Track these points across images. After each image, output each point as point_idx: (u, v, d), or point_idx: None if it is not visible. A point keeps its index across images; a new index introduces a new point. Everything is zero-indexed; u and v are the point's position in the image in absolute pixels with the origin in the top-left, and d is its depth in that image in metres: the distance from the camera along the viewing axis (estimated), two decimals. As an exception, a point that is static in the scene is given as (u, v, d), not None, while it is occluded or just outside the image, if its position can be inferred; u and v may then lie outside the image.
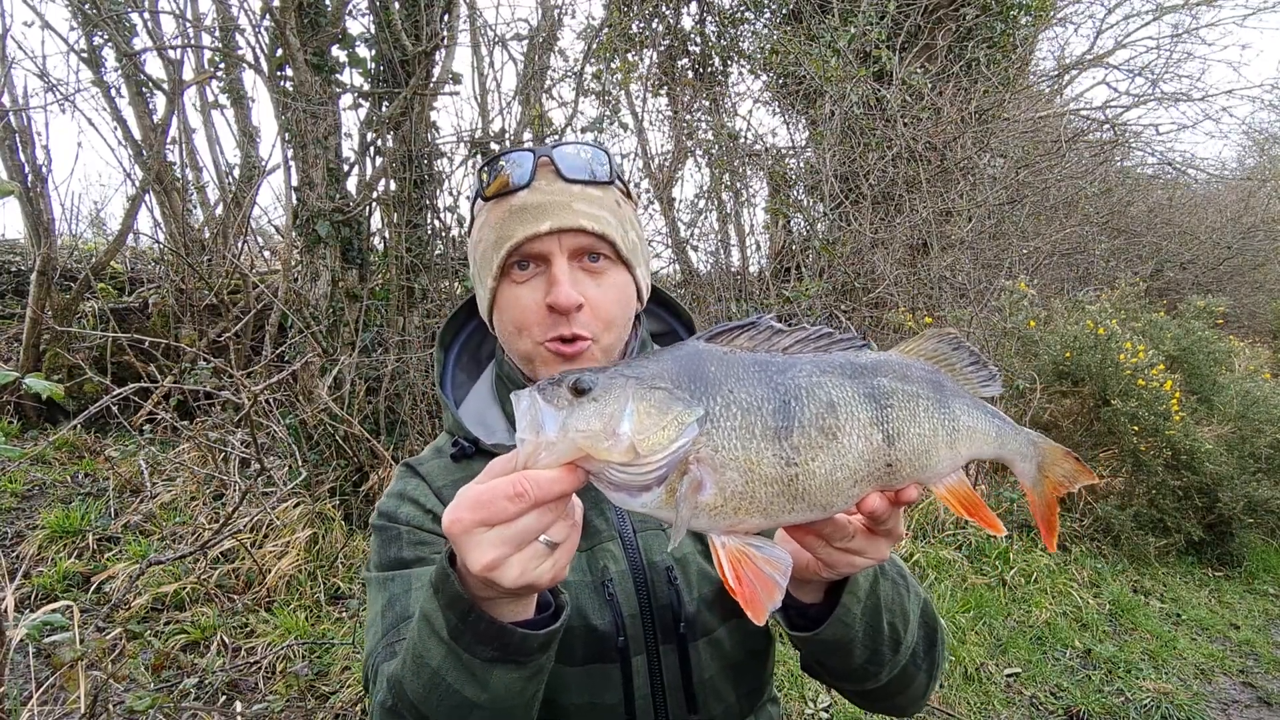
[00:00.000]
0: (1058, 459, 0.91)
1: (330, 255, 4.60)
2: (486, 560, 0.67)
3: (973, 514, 0.83)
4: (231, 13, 5.67)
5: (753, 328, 0.78)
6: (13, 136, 5.29)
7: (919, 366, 0.83)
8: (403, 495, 1.08)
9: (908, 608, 0.99)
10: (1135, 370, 5.72)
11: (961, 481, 0.84)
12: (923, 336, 0.87)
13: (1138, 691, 3.80)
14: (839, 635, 0.92)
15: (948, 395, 0.83)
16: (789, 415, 0.73)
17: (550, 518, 0.69)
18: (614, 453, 0.68)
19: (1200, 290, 11.75)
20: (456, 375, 1.20)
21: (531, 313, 1.01)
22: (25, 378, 1.81)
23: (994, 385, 0.88)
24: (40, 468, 4.79)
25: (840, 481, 0.75)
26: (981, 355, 0.88)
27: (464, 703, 0.79)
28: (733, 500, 0.72)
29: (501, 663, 0.77)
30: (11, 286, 6.56)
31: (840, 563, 0.84)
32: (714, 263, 7.06)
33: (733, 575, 0.72)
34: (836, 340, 0.80)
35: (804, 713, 3.34)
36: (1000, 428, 0.87)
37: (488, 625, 0.75)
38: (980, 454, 0.86)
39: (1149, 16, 11.34)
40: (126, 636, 3.30)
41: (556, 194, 1.01)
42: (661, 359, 0.75)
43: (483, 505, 0.67)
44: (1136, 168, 13.11)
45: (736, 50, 7.89)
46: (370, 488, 4.30)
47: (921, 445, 0.79)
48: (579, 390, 0.70)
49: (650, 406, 0.70)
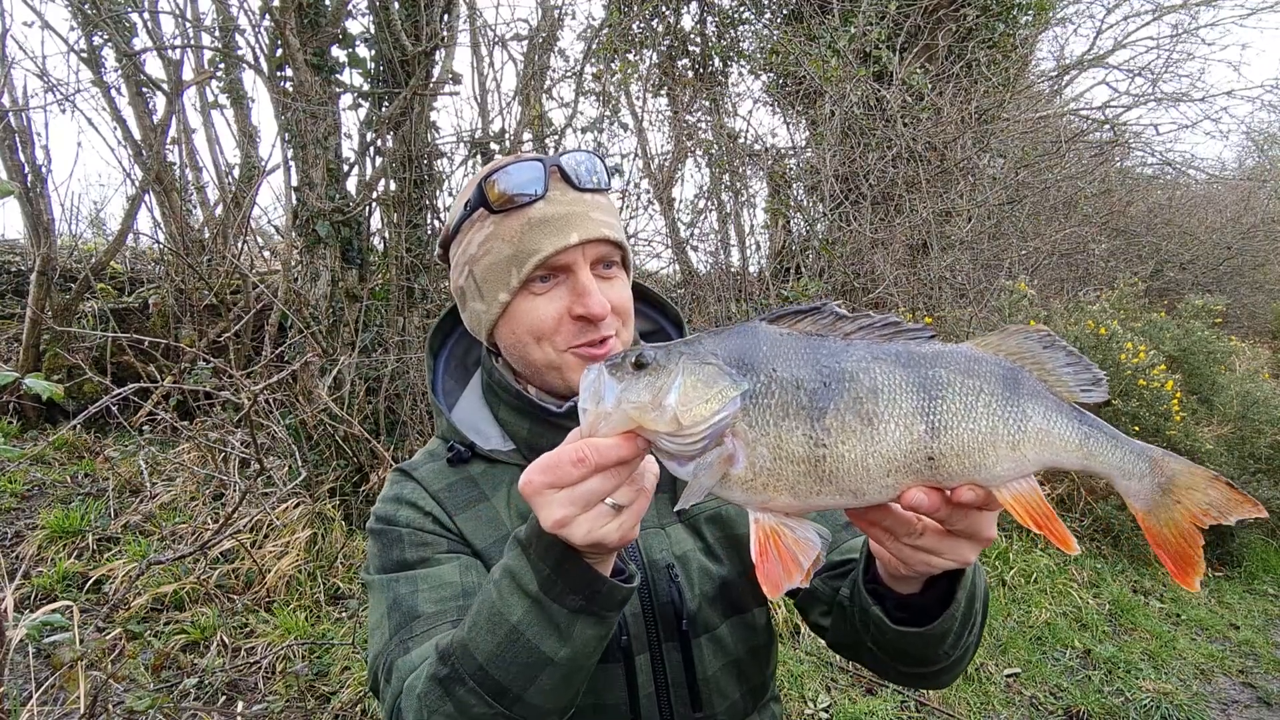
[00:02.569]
0: (1196, 484, 0.77)
1: (330, 255, 4.60)
2: (556, 517, 0.73)
3: (1041, 526, 0.75)
4: (231, 13, 5.67)
5: (816, 313, 0.78)
6: (12, 136, 5.28)
7: (992, 361, 0.77)
8: (399, 499, 1.09)
9: (985, 592, 0.97)
10: (1136, 370, 5.72)
11: (1033, 490, 0.77)
12: (1007, 332, 0.79)
13: (1137, 692, 3.80)
14: (945, 629, 0.90)
15: (1022, 394, 0.76)
16: (826, 397, 0.73)
17: (613, 482, 0.74)
18: (660, 423, 0.71)
19: (1200, 290, 11.75)
20: (445, 382, 1.21)
21: (552, 322, 1.01)
22: (25, 378, 1.81)
23: (1097, 390, 0.78)
24: (40, 468, 4.78)
25: (872, 469, 0.73)
26: (1083, 357, 0.79)
27: (539, 660, 0.80)
28: (761, 476, 0.73)
29: (586, 614, 0.80)
30: (11, 286, 6.56)
31: (915, 560, 0.81)
32: (714, 263, 7.06)
33: (758, 551, 0.74)
34: (902, 330, 0.78)
35: (804, 713, 3.34)
36: (1088, 435, 0.77)
37: (582, 572, 0.78)
38: (1059, 462, 0.78)
39: (1149, 16, 11.36)
40: (126, 637, 3.30)
41: (574, 204, 1.00)
42: (720, 337, 0.77)
43: (551, 469, 0.73)
44: (1136, 168, 13.12)
45: (736, 50, 7.89)
46: (370, 488, 4.30)
47: (974, 442, 0.74)
48: (640, 364, 0.74)
49: (698, 380, 0.73)
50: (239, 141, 6.50)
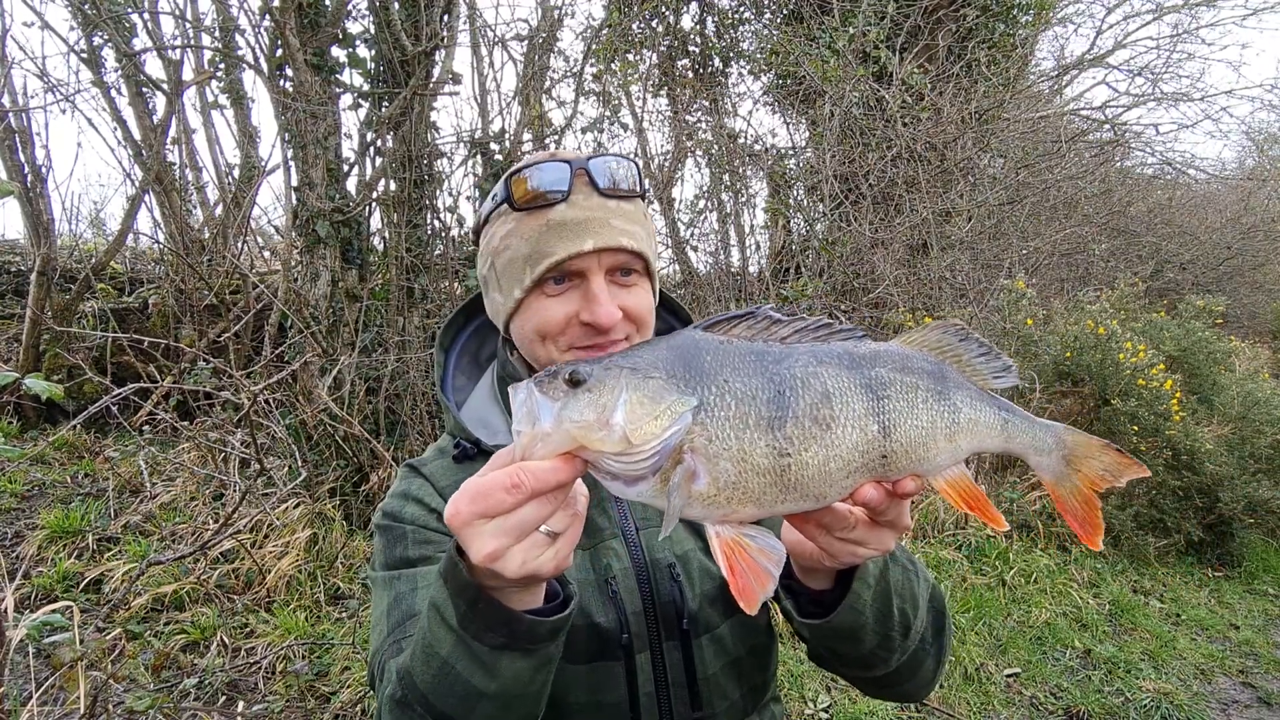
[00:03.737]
0: (1093, 452, 0.86)
1: (330, 255, 4.60)
2: (488, 551, 0.68)
3: (973, 508, 0.81)
4: (231, 13, 5.68)
5: (750, 317, 0.78)
6: (13, 137, 5.29)
7: (921, 358, 0.82)
8: (406, 495, 1.09)
9: (917, 593, 0.99)
10: (1135, 370, 5.72)
11: (963, 475, 0.82)
12: (927, 328, 0.85)
13: (1137, 692, 3.80)
14: (850, 622, 0.92)
15: (950, 386, 0.81)
16: (783, 405, 0.73)
17: (549, 508, 0.69)
18: (607, 442, 0.67)
19: (1200, 290, 11.75)
20: (456, 378, 1.20)
21: (559, 324, 1.00)
22: (25, 378, 1.81)
23: (1009, 376, 0.85)
24: (40, 468, 4.78)
25: (834, 472, 0.74)
26: (993, 346, 0.85)
27: (473, 692, 0.79)
28: (726, 490, 0.72)
29: (510, 650, 0.77)
30: (11, 287, 6.56)
31: (842, 553, 0.83)
32: (714, 263, 7.07)
33: (726, 565, 0.72)
34: (835, 331, 0.79)
35: (804, 713, 3.34)
36: (1007, 420, 0.84)
37: (495, 611, 0.75)
38: (985, 447, 0.84)
39: (1149, 16, 11.37)
40: (126, 637, 3.30)
41: (595, 210, 0.99)
42: (657, 348, 0.75)
43: (481, 497, 0.68)
44: (1136, 168, 13.12)
45: (736, 50, 7.89)
46: (370, 488, 4.30)
47: (919, 437, 0.78)
48: (574, 381, 0.69)
49: (644, 396, 0.69)
50: (239, 141, 6.51)
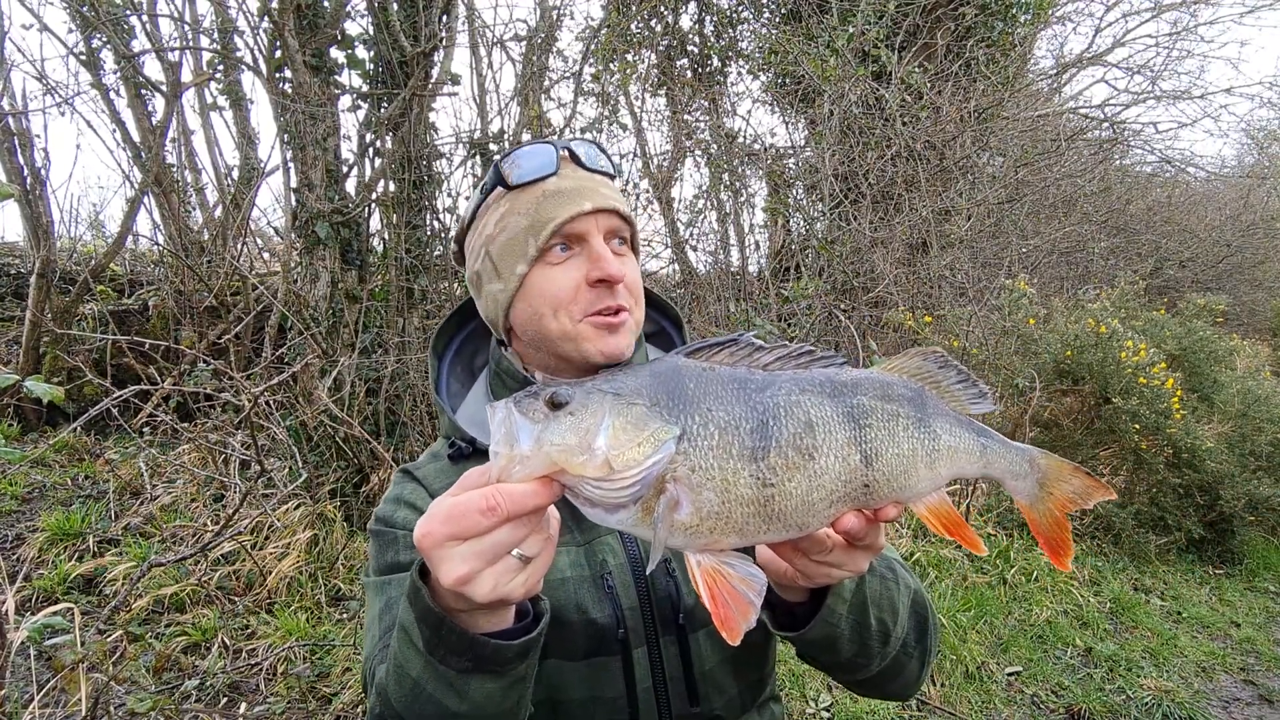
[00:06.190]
0: (1064, 475, 0.88)
1: (329, 257, 4.60)
2: (458, 574, 0.67)
3: (953, 533, 0.81)
4: (230, 15, 5.68)
5: (733, 344, 0.78)
6: (11, 139, 5.28)
7: (901, 384, 0.82)
8: (399, 500, 1.09)
9: (896, 601, 1.00)
10: (1136, 368, 5.72)
11: (943, 500, 0.83)
12: (907, 354, 0.86)
13: (1139, 690, 3.80)
14: (824, 635, 0.93)
15: (929, 414, 0.82)
16: (766, 435, 0.72)
17: (523, 532, 0.68)
18: (588, 468, 0.66)
19: (1200, 288, 11.76)
20: (450, 384, 1.21)
21: (570, 290, 1.01)
22: (25, 381, 1.81)
23: (984, 403, 0.86)
24: (40, 470, 4.78)
25: (816, 502, 0.74)
26: (970, 373, 0.86)
27: (445, 712, 0.78)
28: (709, 520, 0.71)
29: (477, 673, 0.76)
30: (11, 289, 6.56)
31: (818, 574, 0.84)
32: (713, 263, 7.08)
33: (708, 594, 0.71)
34: (817, 358, 0.79)
35: (804, 712, 3.34)
36: (985, 446, 0.85)
37: (459, 637, 0.74)
38: (964, 473, 0.84)
39: (1147, 14, 11.33)
40: (127, 639, 3.30)
41: (584, 180, 1.04)
42: (640, 374, 0.74)
43: (455, 519, 0.66)
44: (1136, 166, 13.12)
45: (735, 50, 7.90)
46: (371, 489, 4.30)
47: (900, 465, 0.78)
48: (555, 404, 0.68)
49: (627, 422, 0.69)
50: (238, 143, 6.50)
